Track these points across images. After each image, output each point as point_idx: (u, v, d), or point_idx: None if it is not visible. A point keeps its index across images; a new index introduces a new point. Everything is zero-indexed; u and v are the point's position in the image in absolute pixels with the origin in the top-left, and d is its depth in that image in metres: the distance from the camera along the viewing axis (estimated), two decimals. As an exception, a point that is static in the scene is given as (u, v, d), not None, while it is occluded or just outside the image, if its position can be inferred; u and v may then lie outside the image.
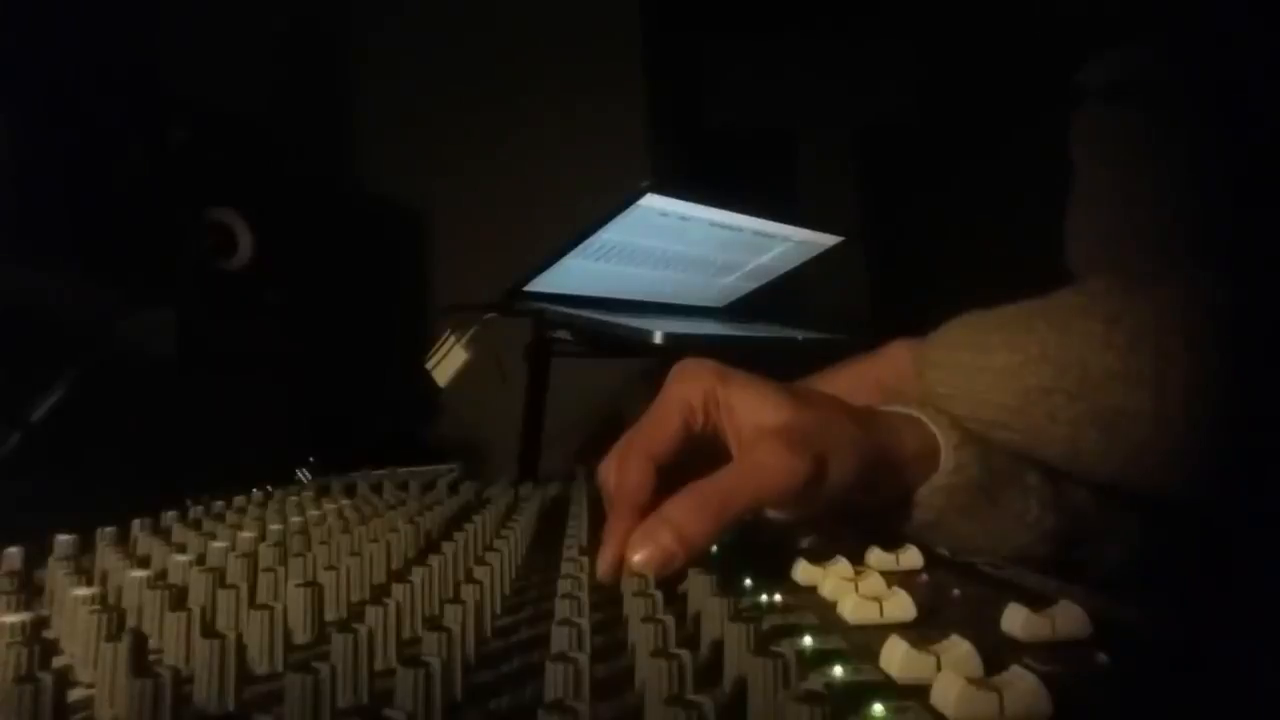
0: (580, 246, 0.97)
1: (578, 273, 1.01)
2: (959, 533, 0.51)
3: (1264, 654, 0.27)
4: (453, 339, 1.02)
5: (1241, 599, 0.47)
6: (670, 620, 0.29)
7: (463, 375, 1.02)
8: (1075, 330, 0.49)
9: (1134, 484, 0.50)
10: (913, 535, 0.51)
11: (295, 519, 0.54)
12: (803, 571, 0.41)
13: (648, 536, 0.40)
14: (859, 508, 0.49)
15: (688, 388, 0.48)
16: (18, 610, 0.34)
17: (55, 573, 0.40)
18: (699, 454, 0.48)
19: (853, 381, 0.59)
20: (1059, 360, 0.48)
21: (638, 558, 0.40)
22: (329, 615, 0.36)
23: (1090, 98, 0.64)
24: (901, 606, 0.35)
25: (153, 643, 0.31)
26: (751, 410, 0.47)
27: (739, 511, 0.42)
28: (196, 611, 0.31)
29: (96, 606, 0.32)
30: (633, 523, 0.42)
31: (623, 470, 0.46)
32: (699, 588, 0.35)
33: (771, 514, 0.47)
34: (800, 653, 0.31)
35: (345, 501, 0.62)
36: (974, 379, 0.51)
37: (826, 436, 0.45)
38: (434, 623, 0.29)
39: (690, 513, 0.41)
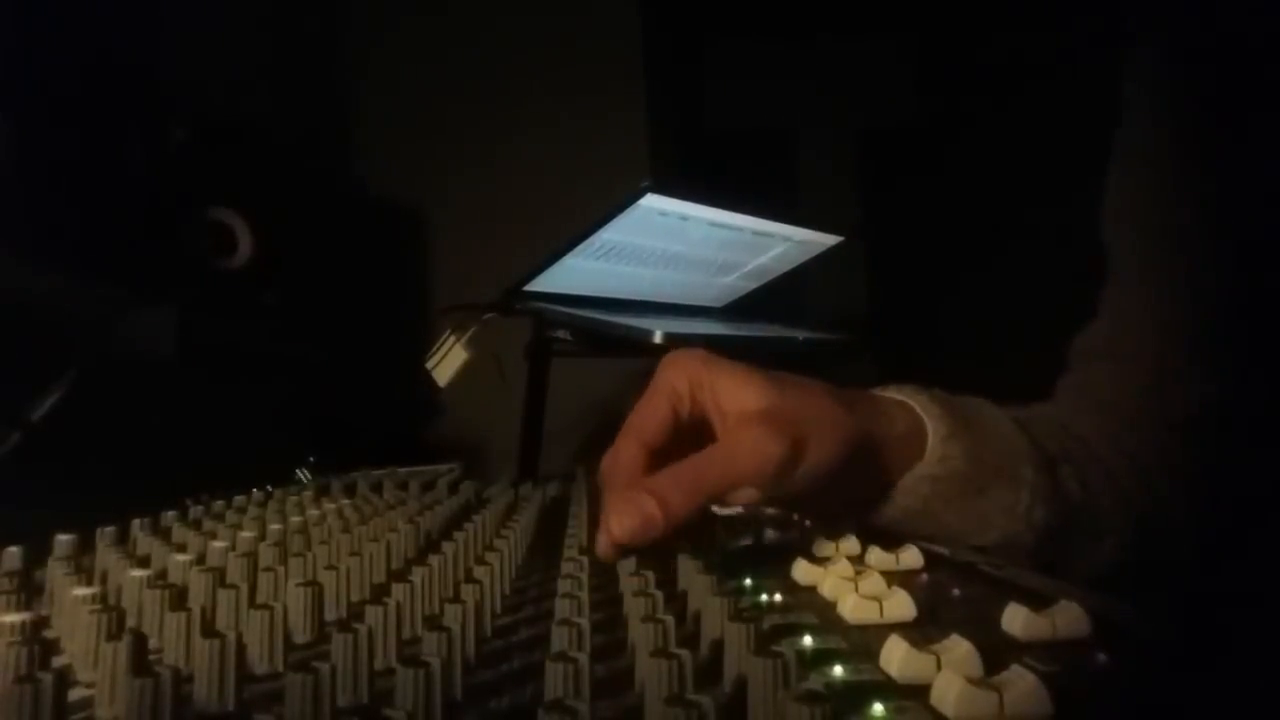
0: (580, 246, 0.96)
1: (578, 272, 1.01)
2: (944, 520, 0.52)
3: (1264, 653, 0.27)
4: (453, 339, 1.02)
5: (1241, 599, 0.47)
6: (670, 620, 0.29)
7: (463, 375, 1.02)
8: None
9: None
10: (899, 521, 0.52)
11: (295, 519, 0.54)
12: (803, 571, 0.41)
13: (629, 503, 0.41)
14: (844, 491, 0.49)
15: (675, 375, 0.49)
16: (18, 610, 0.34)
17: (55, 573, 0.40)
18: (689, 439, 0.48)
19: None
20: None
21: (617, 524, 0.40)
22: (329, 615, 0.36)
23: (1153, 47, 0.63)
24: (901, 606, 0.35)
25: (153, 643, 0.31)
26: (735, 395, 0.48)
27: (716, 488, 0.43)
28: (196, 611, 0.31)
29: (96, 606, 0.32)
30: None
31: (614, 455, 0.47)
32: (699, 588, 0.35)
33: (751, 493, 0.48)
34: (800, 653, 0.31)
35: (345, 501, 0.62)
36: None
37: (808, 420, 0.46)
38: (434, 623, 0.29)
39: (670, 485, 0.42)
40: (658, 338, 0.89)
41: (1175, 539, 0.57)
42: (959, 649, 0.28)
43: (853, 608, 0.35)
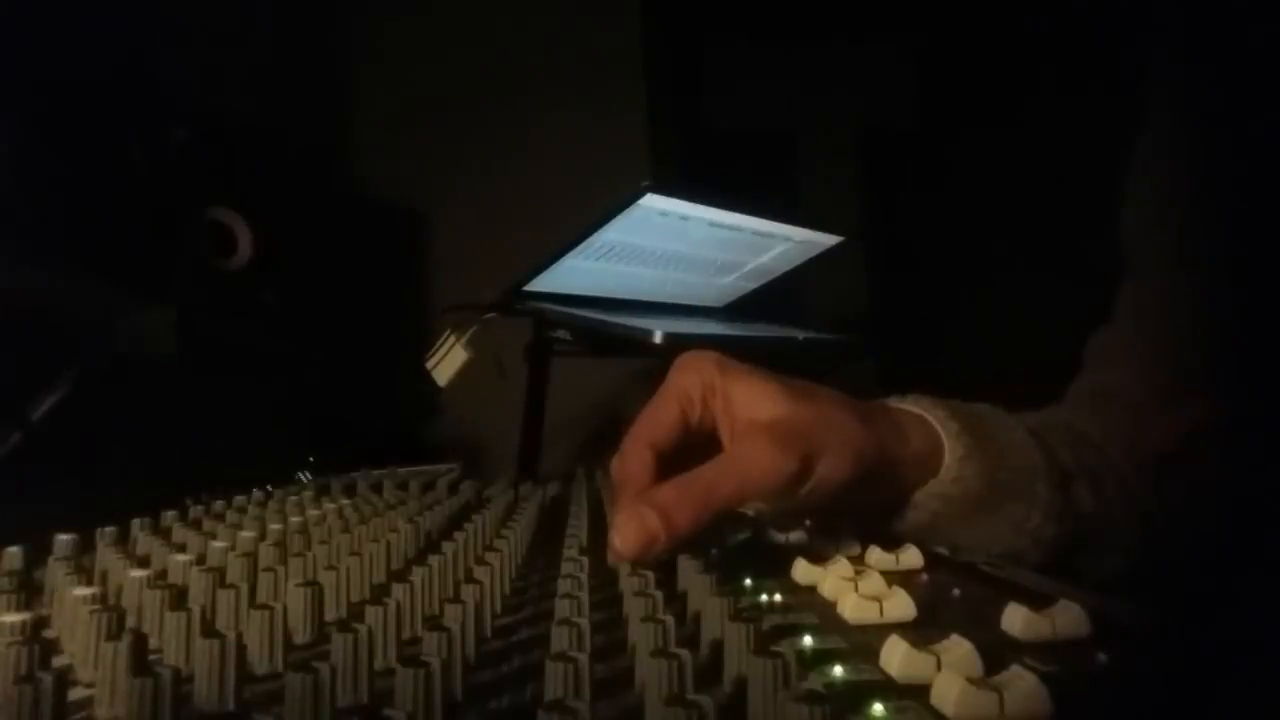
0: (580, 246, 0.96)
1: (578, 273, 1.01)
2: (952, 535, 0.51)
3: (1264, 654, 0.27)
4: (453, 339, 1.02)
5: (1242, 599, 0.47)
6: (670, 620, 0.29)
7: (463, 375, 1.02)
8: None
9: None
10: (905, 534, 0.51)
11: (295, 519, 0.54)
12: (803, 571, 0.41)
13: (633, 519, 0.40)
14: (854, 503, 0.48)
15: (687, 378, 0.48)
16: (18, 610, 0.34)
17: (55, 572, 0.40)
18: (699, 443, 0.48)
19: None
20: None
21: (620, 540, 0.40)
22: (329, 615, 0.36)
23: (1176, 48, 0.62)
24: (901, 606, 0.35)
25: (153, 643, 0.32)
26: (747, 403, 0.47)
27: (722, 503, 0.42)
28: (196, 611, 0.31)
29: (96, 606, 0.32)
30: None
31: (623, 459, 0.46)
32: (699, 588, 0.35)
33: (760, 506, 0.47)
34: (800, 653, 0.31)
35: (345, 501, 0.62)
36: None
37: (820, 435, 0.45)
38: (434, 623, 0.29)
39: (674, 500, 0.41)
40: (658, 338, 0.89)
41: (1183, 541, 0.57)
42: (959, 649, 0.28)
43: (853, 608, 0.35)
